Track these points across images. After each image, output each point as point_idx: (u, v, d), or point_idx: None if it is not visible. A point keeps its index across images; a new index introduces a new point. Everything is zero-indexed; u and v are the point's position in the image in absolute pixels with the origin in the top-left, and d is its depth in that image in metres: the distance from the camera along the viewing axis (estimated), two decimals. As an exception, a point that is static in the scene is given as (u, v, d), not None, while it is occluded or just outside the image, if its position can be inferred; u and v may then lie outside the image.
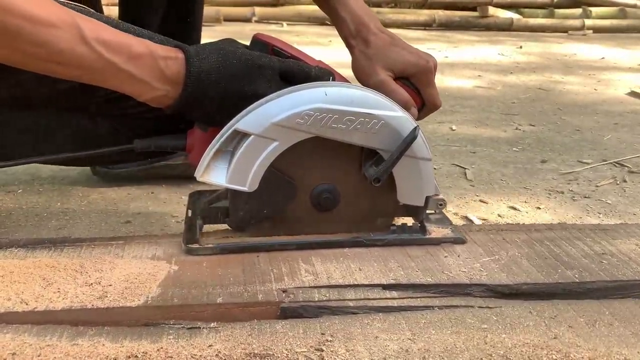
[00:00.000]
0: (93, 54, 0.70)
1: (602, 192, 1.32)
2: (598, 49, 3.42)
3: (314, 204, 0.84)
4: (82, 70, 0.71)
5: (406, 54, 0.89)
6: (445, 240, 0.86)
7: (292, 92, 0.77)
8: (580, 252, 0.84)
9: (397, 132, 0.79)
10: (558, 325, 0.69)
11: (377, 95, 0.80)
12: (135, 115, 1.03)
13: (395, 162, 0.80)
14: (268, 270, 0.77)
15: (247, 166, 0.78)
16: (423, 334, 0.67)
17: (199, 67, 0.74)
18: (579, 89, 2.40)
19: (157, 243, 0.84)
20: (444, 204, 0.87)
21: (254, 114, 0.76)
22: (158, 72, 0.74)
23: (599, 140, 1.70)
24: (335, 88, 0.78)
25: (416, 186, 0.83)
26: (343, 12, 0.93)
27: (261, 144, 0.77)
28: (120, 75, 0.72)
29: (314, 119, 0.77)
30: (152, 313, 0.68)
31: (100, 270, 0.76)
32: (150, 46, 0.74)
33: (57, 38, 0.68)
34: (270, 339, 0.65)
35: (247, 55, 0.77)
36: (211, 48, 0.77)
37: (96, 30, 0.70)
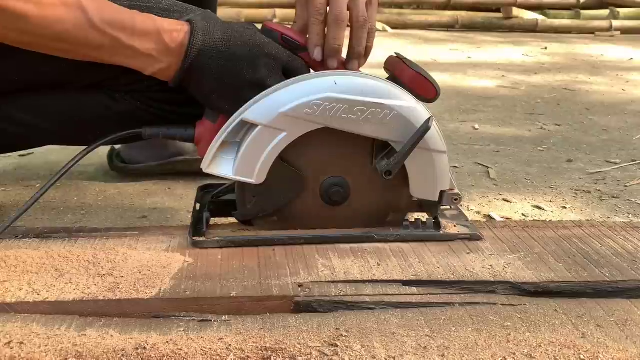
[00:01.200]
0: (98, 33, 0.70)
1: (632, 192, 1.27)
2: (626, 50, 3.34)
3: (324, 198, 0.82)
4: (88, 49, 0.72)
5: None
6: (461, 237, 0.82)
7: (300, 81, 0.75)
8: (610, 251, 0.81)
9: (410, 122, 0.76)
10: (586, 324, 0.66)
11: (389, 85, 0.78)
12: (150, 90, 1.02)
13: (407, 154, 0.76)
14: (284, 264, 0.75)
15: (254, 158, 0.76)
16: (442, 330, 0.64)
17: (202, 41, 0.74)
18: (606, 90, 2.34)
19: (172, 235, 0.83)
20: (460, 199, 0.83)
21: (261, 104, 0.74)
22: (162, 45, 0.74)
23: (628, 140, 1.65)
24: (346, 77, 0.76)
25: (430, 180, 0.80)
26: None
27: (269, 134, 0.75)
28: (125, 52, 0.73)
29: (323, 109, 0.74)
30: (164, 305, 0.67)
31: (113, 261, 0.75)
32: (156, 21, 0.74)
33: (62, 19, 0.68)
34: (282, 333, 0.62)
35: (255, 40, 0.76)
36: (220, 25, 0.76)
37: (100, 8, 0.71)
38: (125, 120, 1.02)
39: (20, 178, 1.27)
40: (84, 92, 0.97)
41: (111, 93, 0.96)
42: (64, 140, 1.11)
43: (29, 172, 1.30)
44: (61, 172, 0.83)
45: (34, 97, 0.94)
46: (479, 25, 4.01)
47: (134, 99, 1.02)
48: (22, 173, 1.29)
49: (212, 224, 0.86)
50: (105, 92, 0.96)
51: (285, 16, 3.86)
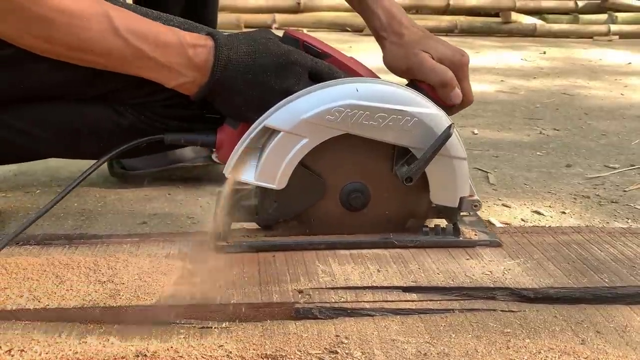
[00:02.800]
0: (122, 43, 0.70)
1: (631, 197, 1.27)
2: (624, 54, 3.35)
3: (344, 203, 0.82)
4: (112, 59, 0.72)
5: (440, 46, 0.86)
6: (481, 243, 0.83)
7: (322, 88, 0.75)
8: (609, 256, 0.81)
9: (431, 129, 0.77)
10: (585, 330, 0.66)
11: (410, 91, 0.78)
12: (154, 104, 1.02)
13: (428, 160, 0.77)
14: (284, 271, 0.75)
15: (276, 163, 0.76)
16: (442, 337, 0.64)
17: (227, 56, 0.74)
18: (605, 94, 2.35)
19: (172, 241, 0.83)
20: (479, 206, 0.84)
21: (283, 110, 0.75)
22: (186, 60, 0.74)
23: (627, 145, 1.65)
24: (367, 84, 0.77)
25: (450, 186, 0.81)
26: (374, 5, 0.92)
27: (291, 140, 0.76)
28: (148, 63, 0.73)
29: (345, 116, 0.75)
30: (164, 312, 0.67)
31: (114, 268, 0.75)
32: (179, 34, 0.74)
33: (88, 28, 0.68)
34: (283, 340, 0.63)
35: (279, 49, 0.76)
36: (243, 38, 0.76)
37: (126, 19, 0.71)
38: (129, 133, 1.02)
39: (20, 184, 1.27)
40: (88, 104, 0.97)
41: (116, 106, 0.96)
42: (66, 153, 1.11)
43: (29, 178, 1.30)
44: (79, 178, 0.83)
45: (36, 106, 0.94)
46: (478, 29, 4.02)
47: (139, 112, 1.03)
48: (22, 179, 1.29)
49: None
50: (110, 105, 0.96)
51: (285, 21, 3.87)
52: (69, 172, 1.32)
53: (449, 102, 0.82)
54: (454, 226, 0.84)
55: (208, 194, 1.22)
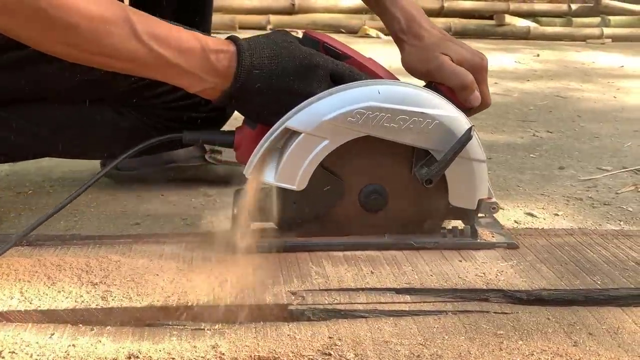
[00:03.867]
0: (145, 48, 0.70)
1: (623, 200, 1.28)
2: (617, 57, 3.37)
3: (362, 204, 0.82)
4: (134, 64, 0.71)
5: (460, 48, 0.86)
6: (499, 245, 0.83)
7: (344, 89, 0.76)
8: (602, 258, 0.81)
9: (451, 132, 0.77)
10: (578, 332, 0.66)
11: (432, 94, 0.78)
12: (158, 106, 1.02)
13: (449, 163, 0.77)
14: (278, 272, 0.75)
15: (296, 164, 0.77)
16: (435, 339, 0.64)
17: (250, 61, 0.73)
18: (598, 97, 2.36)
19: (165, 242, 0.83)
20: (497, 208, 0.84)
21: (305, 112, 0.75)
22: (208, 65, 0.73)
23: (619, 148, 1.66)
24: (389, 86, 0.77)
25: (469, 188, 0.81)
26: (393, 8, 0.92)
27: (311, 142, 0.76)
28: (170, 69, 0.72)
29: (366, 118, 0.75)
30: (157, 313, 0.67)
31: (106, 269, 0.75)
32: (201, 39, 0.73)
33: (111, 33, 0.68)
34: (276, 341, 0.62)
35: (301, 52, 0.76)
36: (264, 42, 0.76)
37: (148, 24, 0.70)
38: (130, 135, 1.02)
39: (12, 185, 1.26)
40: (90, 104, 0.96)
41: (118, 107, 0.95)
42: (65, 152, 1.11)
43: (22, 179, 1.29)
44: (94, 178, 0.84)
45: (37, 105, 0.93)
46: (472, 32, 4.03)
47: (141, 114, 1.03)
48: (14, 179, 1.28)
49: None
50: (112, 106, 0.95)
51: (279, 22, 3.86)
52: (62, 172, 1.31)
53: (468, 104, 0.83)
54: (471, 228, 0.84)
55: (201, 194, 1.22)
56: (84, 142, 1.03)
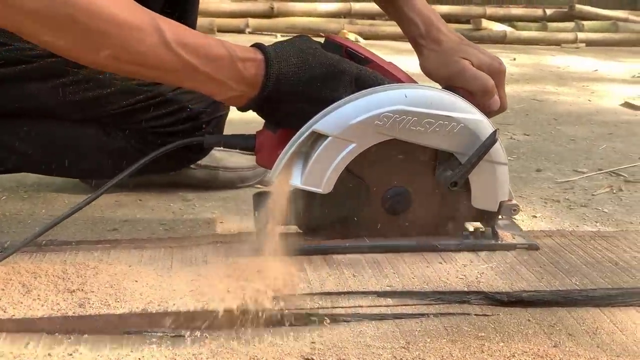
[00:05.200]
0: (173, 56, 0.69)
1: (599, 201, 1.30)
2: (591, 61, 3.43)
3: (386, 207, 0.82)
4: (162, 72, 0.71)
5: (479, 53, 0.88)
6: (520, 246, 0.84)
7: (371, 93, 0.76)
8: (580, 260, 0.82)
9: (475, 135, 0.78)
10: (558, 333, 0.67)
11: (456, 97, 0.79)
12: (147, 130, 1.04)
13: (474, 165, 0.78)
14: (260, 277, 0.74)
15: (323, 168, 0.77)
16: (417, 342, 0.64)
17: (278, 69, 0.73)
18: (573, 100, 2.40)
19: (144, 248, 0.82)
20: (518, 210, 0.85)
21: (332, 116, 0.75)
22: (236, 74, 0.73)
23: (594, 150, 1.69)
24: (415, 90, 0.77)
25: (491, 191, 0.82)
26: (411, 13, 0.93)
27: (338, 145, 0.76)
28: (198, 77, 0.72)
29: (393, 121, 0.76)
30: (136, 320, 0.66)
31: (84, 276, 0.73)
32: (229, 47, 0.73)
33: (141, 41, 0.67)
34: (258, 347, 0.62)
35: (327, 59, 0.76)
36: (290, 49, 0.76)
37: (176, 32, 0.70)
38: (116, 156, 1.02)
39: (-15, 190, 1.23)
40: (78, 123, 0.95)
41: (106, 128, 0.95)
42: (47, 170, 1.11)
43: (-5, 184, 1.26)
44: (107, 186, 0.82)
45: (23, 122, 0.92)
46: (450, 36, 4.06)
47: (129, 137, 1.03)
48: (-13, 185, 1.25)
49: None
50: (100, 127, 0.95)
51: (258, 26, 3.86)
52: (36, 177, 1.28)
53: (488, 108, 0.84)
54: (492, 230, 0.85)
55: (180, 199, 1.20)
56: (70, 161, 1.03)
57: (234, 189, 1.26)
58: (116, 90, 1.02)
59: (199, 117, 1.07)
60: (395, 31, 4.06)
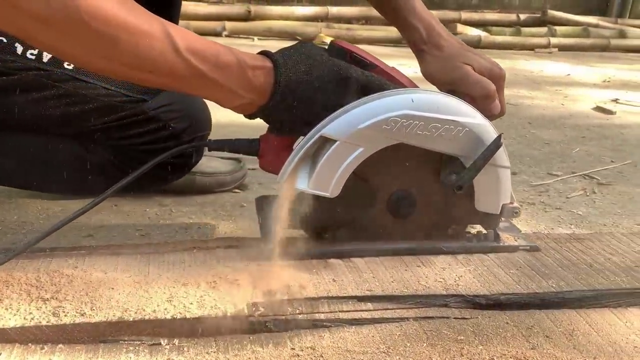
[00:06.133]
0: (183, 63, 0.69)
1: (573, 204, 1.32)
2: (564, 66, 3.50)
3: (391, 211, 0.83)
4: (172, 79, 0.70)
5: (480, 58, 0.89)
6: (522, 248, 0.85)
7: (378, 98, 0.76)
8: (556, 262, 0.83)
9: (479, 139, 0.79)
10: (535, 335, 0.68)
11: (461, 102, 0.80)
12: (127, 148, 1.05)
13: (479, 169, 0.79)
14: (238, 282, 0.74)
15: (331, 172, 0.77)
16: (397, 346, 0.64)
17: (287, 77, 0.73)
18: (547, 104, 2.44)
19: (120, 254, 0.80)
20: (519, 212, 0.86)
21: (341, 120, 0.75)
22: (245, 81, 0.73)
23: (568, 153, 1.72)
24: (421, 94, 0.78)
25: (494, 194, 0.83)
26: (412, 18, 0.94)
27: (346, 149, 0.76)
28: (207, 84, 0.71)
29: (400, 126, 0.76)
30: (112, 329, 0.64)
31: (58, 284, 0.71)
32: (238, 55, 0.73)
33: (151, 47, 0.67)
34: (238, 355, 0.61)
35: (335, 65, 0.76)
36: (298, 56, 0.76)
37: (186, 38, 0.69)
38: (95, 172, 1.01)
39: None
40: (58, 138, 0.94)
41: (86, 143, 0.94)
42: (25, 184, 1.10)
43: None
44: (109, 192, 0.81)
45: (3, 135, 0.91)
46: (426, 40, 4.10)
47: (109, 153, 1.03)
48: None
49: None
50: (80, 142, 0.94)
51: (235, 29, 3.84)
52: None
53: (489, 113, 0.85)
54: (494, 232, 0.87)
55: (156, 204, 1.19)
56: (48, 176, 1.02)
57: (212, 193, 1.25)
58: (98, 107, 1.02)
59: (181, 135, 1.08)
60: (372, 35, 4.08)
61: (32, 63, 0.99)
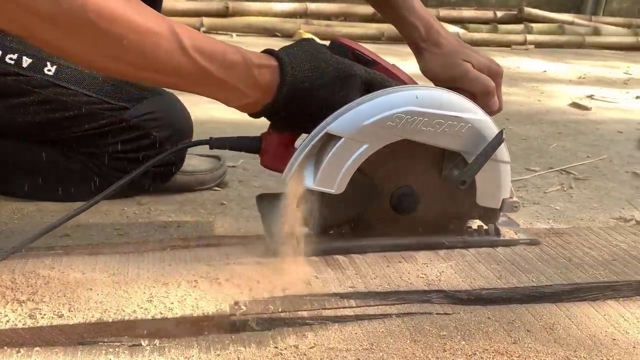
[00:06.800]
0: (189, 62, 0.68)
1: (551, 199, 1.34)
2: (540, 62, 3.54)
3: (394, 207, 0.83)
4: (178, 78, 0.69)
5: (478, 56, 0.91)
6: (522, 242, 0.87)
7: (383, 95, 0.76)
8: (535, 256, 0.84)
9: (482, 135, 0.80)
10: (517, 330, 0.68)
11: (463, 98, 0.80)
12: (107, 155, 1.05)
13: (482, 164, 0.80)
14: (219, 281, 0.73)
15: (336, 169, 0.77)
16: (381, 343, 0.64)
17: (292, 75, 0.73)
18: (524, 100, 2.46)
19: (98, 254, 0.79)
20: (519, 206, 0.87)
21: (346, 117, 0.75)
22: (251, 80, 0.72)
23: (545, 149, 1.74)
24: (425, 91, 0.78)
25: (495, 189, 0.84)
26: (411, 16, 0.95)
27: (351, 146, 0.76)
28: (213, 83, 0.70)
29: (405, 122, 0.77)
30: (90, 330, 0.63)
31: (34, 285, 0.70)
32: (244, 54, 0.72)
33: (158, 46, 0.66)
34: (220, 355, 0.60)
35: (339, 63, 0.76)
36: (302, 55, 0.75)
37: (192, 37, 0.68)
38: (75, 179, 1.00)
39: None
40: (37, 144, 0.93)
41: (65, 150, 0.93)
42: (2, 189, 1.07)
43: None
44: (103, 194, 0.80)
45: None
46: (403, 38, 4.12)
47: (88, 160, 1.02)
48: None
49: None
50: (59, 149, 0.93)
51: (213, 25, 3.80)
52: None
53: (488, 109, 0.86)
54: (495, 226, 0.87)
55: (135, 203, 1.17)
56: (26, 182, 1.01)
57: (191, 192, 1.23)
58: (79, 114, 1.01)
59: (162, 144, 1.07)
60: (351, 32, 4.08)
61: (11, 68, 0.98)
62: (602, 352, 0.65)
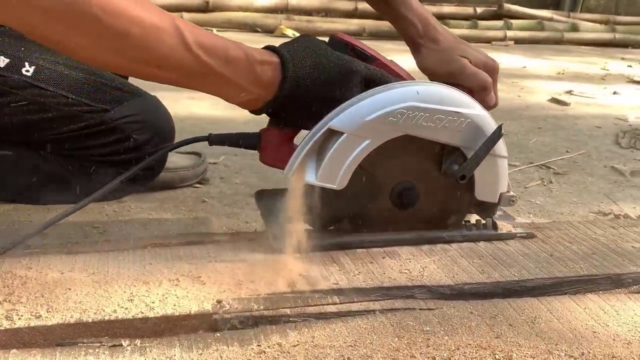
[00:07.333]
0: (192, 57, 0.67)
1: (531, 193, 1.35)
2: (519, 58, 3.57)
3: (394, 202, 0.83)
4: (179, 74, 0.69)
5: (475, 52, 0.92)
6: (520, 235, 0.87)
7: (384, 90, 0.76)
8: (517, 251, 0.85)
9: (481, 130, 0.80)
10: (499, 324, 0.69)
11: (462, 93, 0.80)
12: (86, 158, 1.04)
13: (481, 159, 0.80)
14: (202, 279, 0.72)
15: (338, 164, 0.77)
16: (364, 339, 0.64)
17: (294, 72, 0.73)
18: (504, 96, 2.48)
19: (77, 253, 0.78)
20: (516, 200, 0.88)
21: (348, 112, 0.75)
22: (253, 76, 0.72)
23: (525, 144, 1.76)
24: (426, 86, 0.78)
25: (493, 183, 0.84)
26: (408, 13, 0.95)
27: (353, 142, 0.76)
28: (216, 79, 0.70)
29: (406, 117, 0.77)
30: (69, 331, 0.62)
31: (10, 285, 0.68)
32: (246, 50, 0.72)
33: (162, 41, 0.65)
34: (202, 355, 0.60)
35: (339, 59, 0.76)
36: (303, 51, 0.75)
37: (195, 33, 0.68)
38: (53, 181, 0.99)
39: None
40: (14, 146, 0.92)
41: (43, 152, 0.92)
42: None
43: None
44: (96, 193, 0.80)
45: None
46: (385, 33, 4.12)
47: (65, 162, 1.01)
48: None
49: None
50: (37, 150, 0.92)
51: (193, 20, 3.77)
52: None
53: (485, 104, 0.86)
54: (492, 220, 0.88)
55: (114, 201, 1.15)
56: (3, 183, 0.99)
57: (172, 189, 1.22)
58: (58, 116, 0.99)
59: (143, 147, 1.06)
60: (332, 27, 4.07)
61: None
62: (582, 345, 0.66)
